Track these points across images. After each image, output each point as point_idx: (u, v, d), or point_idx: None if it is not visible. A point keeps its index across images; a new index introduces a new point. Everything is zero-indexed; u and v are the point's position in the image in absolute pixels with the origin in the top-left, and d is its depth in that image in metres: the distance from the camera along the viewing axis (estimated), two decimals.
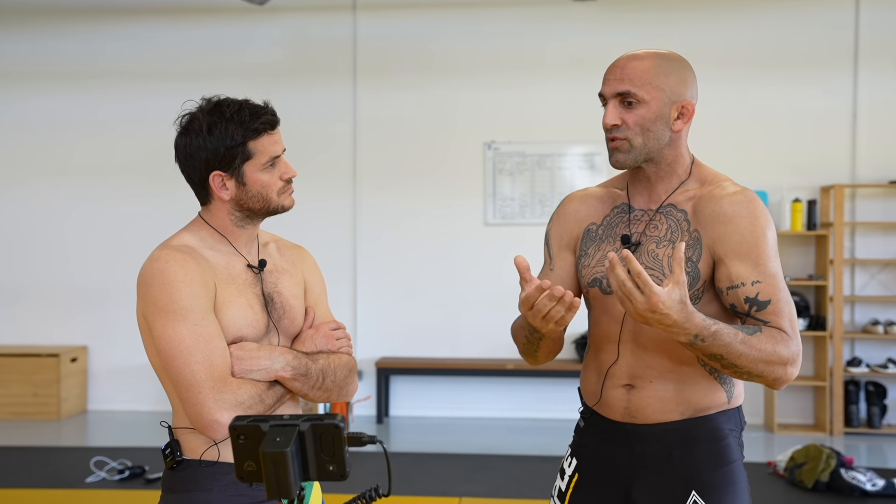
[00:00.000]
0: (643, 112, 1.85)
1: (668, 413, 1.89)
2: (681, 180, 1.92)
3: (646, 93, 1.85)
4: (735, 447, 1.91)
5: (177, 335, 1.76)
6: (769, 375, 1.77)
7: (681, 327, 1.69)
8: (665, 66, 1.86)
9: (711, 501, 1.85)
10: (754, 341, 1.74)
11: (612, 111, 1.88)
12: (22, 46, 7.19)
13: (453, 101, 6.89)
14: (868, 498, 4.69)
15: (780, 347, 1.76)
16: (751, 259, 1.80)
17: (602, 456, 1.97)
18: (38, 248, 7.18)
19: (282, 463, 1.24)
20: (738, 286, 1.80)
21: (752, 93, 6.63)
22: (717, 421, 1.89)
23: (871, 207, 6.56)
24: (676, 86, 1.87)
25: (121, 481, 5.01)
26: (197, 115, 1.87)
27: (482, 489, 4.92)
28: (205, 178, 1.87)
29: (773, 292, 1.79)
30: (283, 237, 2.14)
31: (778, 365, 1.76)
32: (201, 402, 1.74)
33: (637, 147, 1.87)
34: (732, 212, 1.82)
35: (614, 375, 1.93)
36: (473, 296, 6.81)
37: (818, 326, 6.33)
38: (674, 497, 1.87)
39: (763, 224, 1.81)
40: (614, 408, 1.94)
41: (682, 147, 1.92)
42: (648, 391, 1.89)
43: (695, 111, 1.88)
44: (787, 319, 1.79)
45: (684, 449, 1.88)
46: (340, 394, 1.93)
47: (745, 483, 1.91)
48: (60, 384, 6.73)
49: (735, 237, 1.81)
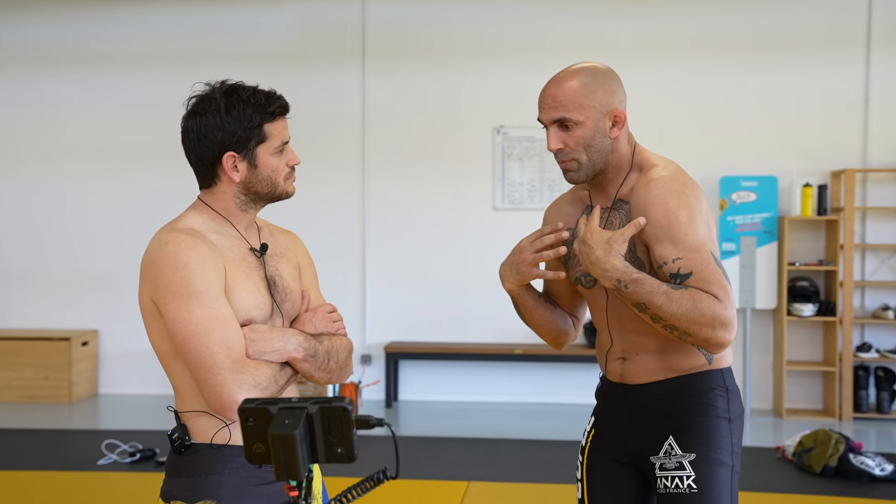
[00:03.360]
0: (581, 132, 2.01)
1: (654, 375, 2.09)
2: (625, 174, 2.08)
3: (579, 114, 2.00)
4: (716, 404, 2.06)
5: (193, 318, 1.76)
6: (698, 334, 1.90)
7: (603, 267, 1.92)
8: (590, 84, 2.01)
9: (684, 446, 2.04)
10: (676, 295, 1.89)
11: (553, 137, 2.03)
12: (30, 30, 7.19)
13: (462, 86, 6.87)
14: (876, 483, 4.69)
15: (703, 305, 1.88)
16: (668, 239, 1.94)
17: (608, 414, 2.20)
18: (49, 233, 7.22)
19: (290, 445, 1.25)
20: (661, 266, 1.96)
21: (763, 77, 6.58)
22: (697, 378, 2.07)
23: (883, 192, 6.52)
24: (605, 98, 2.02)
25: (131, 464, 5.05)
26: (212, 96, 1.87)
27: (491, 473, 4.94)
28: (216, 158, 1.88)
29: (695, 264, 1.92)
30: (285, 223, 2.16)
31: (705, 325, 1.89)
32: (221, 383, 1.75)
33: (584, 163, 2.04)
34: (647, 200, 1.97)
35: (612, 353, 2.18)
36: (482, 281, 6.80)
37: (828, 312, 6.31)
38: (655, 442, 2.07)
39: (679, 203, 1.94)
40: (613, 374, 2.18)
41: (622, 148, 2.07)
42: (636, 362, 2.11)
43: (626, 116, 2.04)
44: (717, 286, 1.91)
45: (667, 402, 2.07)
46: (341, 375, 1.95)
47: (725, 438, 2.05)
48: (72, 367, 6.77)
49: (652, 223, 1.96)
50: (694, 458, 2.03)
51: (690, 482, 2.02)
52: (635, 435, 2.12)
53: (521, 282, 2.15)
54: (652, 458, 2.07)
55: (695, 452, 2.03)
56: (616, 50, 6.53)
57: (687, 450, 2.03)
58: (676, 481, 2.03)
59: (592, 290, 2.15)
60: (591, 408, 2.35)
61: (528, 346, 6.53)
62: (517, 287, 2.17)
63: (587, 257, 1.95)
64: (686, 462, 2.03)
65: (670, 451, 2.05)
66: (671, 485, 2.03)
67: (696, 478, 2.02)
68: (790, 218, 6.31)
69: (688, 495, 2.01)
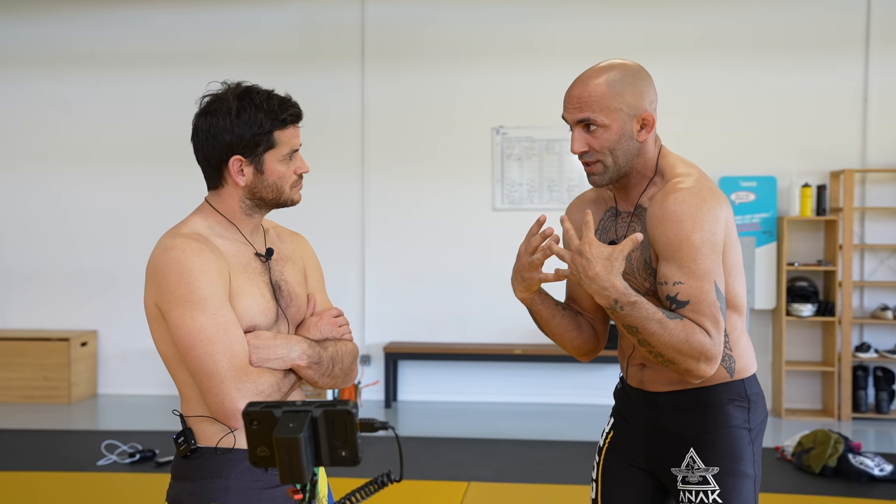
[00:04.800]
0: (606, 135, 1.94)
1: (673, 384, 2.05)
2: (648, 179, 2.02)
3: (605, 117, 1.92)
4: (735, 415, 2.02)
5: (196, 325, 1.76)
6: (681, 364, 1.88)
7: (601, 284, 1.84)
8: (618, 85, 1.93)
9: (706, 459, 2.01)
10: (670, 325, 1.85)
11: (577, 139, 1.96)
12: (32, 30, 7.19)
13: (461, 86, 6.87)
14: (876, 483, 4.69)
15: (693, 340, 1.85)
16: (675, 260, 1.88)
17: (627, 417, 2.18)
18: (48, 234, 7.21)
19: (295, 448, 1.25)
20: (662, 283, 1.91)
21: (762, 78, 6.59)
22: (716, 390, 2.03)
23: (882, 193, 6.53)
24: (633, 100, 1.94)
25: (131, 464, 5.05)
26: (225, 97, 1.86)
27: (490, 474, 4.94)
28: (223, 161, 1.87)
29: (694, 293, 1.87)
30: (285, 223, 2.14)
31: (690, 357, 1.86)
32: (223, 391, 1.75)
33: (610, 166, 1.97)
34: (662, 214, 1.90)
35: (633, 358, 2.14)
36: (481, 281, 6.82)
37: (827, 312, 6.32)
38: (675, 454, 2.04)
39: (688, 227, 1.86)
40: (632, 378, 2.16)
41: (648, 152, 2.00)
42: (656, 370, 2.07)
43: (655, 119, 1.96)
44: (710, 320, 1.87)
45: (687, 413, 2.04)
46: (345, 380, 1.95)
47: (746, 450, 2.02)
48: (71, 368, 6.77)
49: (664, 239, 1.89)
50: (717, 472, 2.00)
51: (716, 497, 1.99)
52: (654, 443, 2.09)
53: (528, 288, 2.02)
54: (673, 469, 2.05)
55: (718, 466, 2.00)
56: (614, 50, 6.51)
57: (710, 463, 2.01)
58: (701, 496, 2.00)
59: None
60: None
61: (528, 346, 6.53)
62: (527, 295, 2.04)
63: (584, 271, 1.84)
64: (710, 476, 2.00)
65: (692, 464, 2.02)
66: (696, 499, 2.01)
67: (721, 492, 1.99)
68: (789, 218, 6.32)
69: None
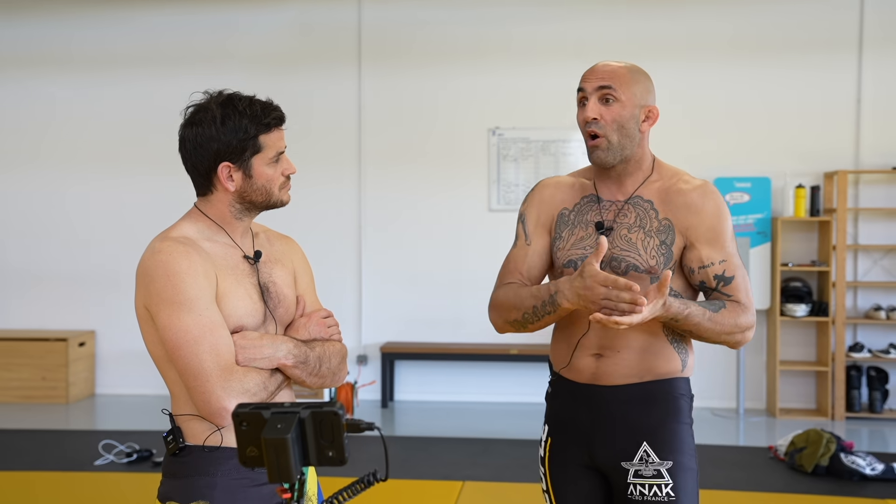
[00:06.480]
0: (619, 110, 2.08)
1: (630, 377, 2.11)
2: (646, 175, 2.16)
3: (622, 92, 2.08)
4: (685, 410, 2.14)
5: (183, 325, 1.80)
6: (730, 340, 2.10)
7: (663, 317, 2.01)
8: (635, 75, 2.13)
9: (659, 452, 2.08)
10: (719, 318, 2.06)
11: (592, 105, 2.09)
12: (33, 32, 7.21)
13: (458, 87, 6.90)
14: (867, 482, 4.73)
15: (740, 319, 2.08)
16: (718, 243, 2.10)
17: (567, 418, 2.19)
18: (46, 234, 7.24)
19: (283, 449, 1.28)
20: (708, 266, 2.09)
21: (756, 78, 6.62)
22: (671, 384, 2.13)
23: (875, 193, 6.57)
24: (644, 92, 2.13)
25: (129, 464, 5.08)
26: (209, 106, 1.90)
27: (486, 473, 4.98)
28: (212, 168, 1.91)
29: (734, 269, 2.11)
30: (282, 224, 2.18)
31: (737, 333, 2.09)
32: (209, 390, 1.79)
33: (614, 144, 2.09)
34: (702, 204, 2.10)
35: (584, 346, 2.14)
36: (477, 281, 6.81)
37: (821, 312, 6.35)
38: (627, 448, 2.09)
39: (725, 213, 2.12)
40: (582, 372, 2.16)
41: (646, 146, 2.17)
42: (615, 360, 2.11)
43: (659, 115, 2.14)
44: (744, 292, 2.11)
45: (640, 407, 2.11)
46: (333, 380, 1.99)
47: (692, 444, 2.13)
48: (69, 368, 6.80)
49: (706, 225, 2.09)
50: (671, 466, 2.06)
51: (669, 490, 2.05)
52: (603, 440, 2.11)
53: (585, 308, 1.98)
54: (624, 464, 2.09)
55: (671, 460, 2.07)
56: (609, 51, 6.51)
57: (664, 457, 2.07)
58: (655, 489, 2.05)
59: None
60: None
61: (524, 346, 6.56)
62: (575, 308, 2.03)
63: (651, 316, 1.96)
64: (664, 470, 2.06)
65: (646, 458, 2.07)
66: (649, 493, 2.05)
67: (674, 486, 2.05)
68: (783, 219, 6.35)
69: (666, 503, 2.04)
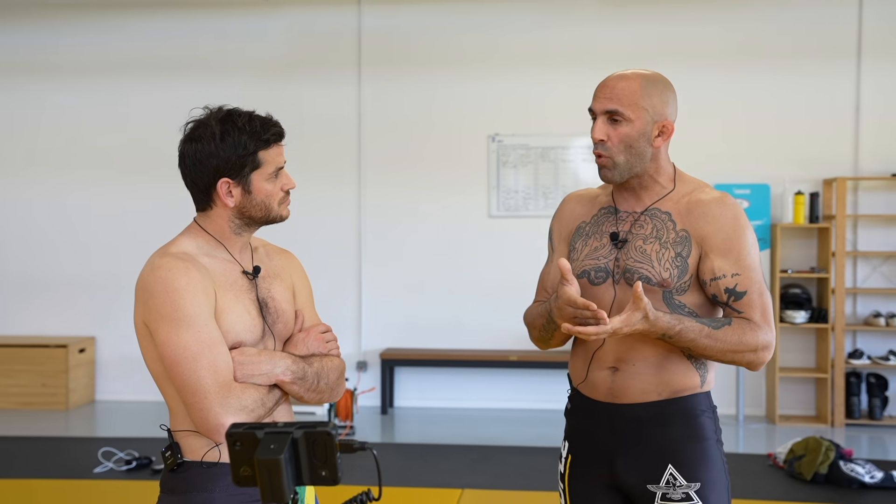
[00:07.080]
0: (627, 130, 2.05)
1: (647, 394, 2.07)
2: (664, 186, 2.12)
3: (631, 112, 2.04)
4: (709, 426, 2.09)
5: (181, 342, 1.80)
6: (740, 360, 2.02)
7: (649, 331, 1.96)
8: (650, 88, 2.05)
9: (686, 474, 2.03)
10: (720, 335, 1.99)
11: (599, 127, 2.07)
12: (33, 39, 7.23)
13: (457, 94, 6.91)
14: (866, 490, 4.73)
15: (747, 337, 2.00)
16: (732, 255, 2.03)
17: (588, 435, 2.16)
18: (47, 240, 7.25)
19: (276, 469, 1.29)
20: (719, 278, 2.03)
21: (755, 85, 6.63)
22: (691, 401, 2.08)
23: (874, 200, 6.57)
24: (659, 106, 2.06)
25: (128, 472, 5.09)
26: (208, 122, 1.91)
27: (485, 480, 4.98)
28: (211, 184, 1.92)
29: (749, 284, 2.03)
30: (282, 232, 2.18)
31: (747, 352, 2.01)
32: (207, 407, 1.79)
33: (620, 164, 2.07)
34: (718, 213, 2.05)
35: (600, 359, 2.12)
36: (478, 288, 6.86)
37: (820, 318, 6.35)
38: (652, 470, 2.05)
39: (743, 224, 2.05)
40: (598, 388, 2.12)
41: (662, 160, 2.12)
42: (631, 374, 2.08)
43: (674, 130, 2.07)
44: (759, 310, 2.03)
45: (661, 426, 2.06)
46: (332, 395, 2.00)
47: (720, 460, 2.08)
48: (69, 375, 6.81)
49: (720, 235, 2.03)
50: (699, 488, 2.02)
51: None
52: (627, 461, 2.08)
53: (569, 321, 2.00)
54: (651, 486, 2.05)
55: (699, 481, 2.03)
56: (610, 57, 6.56)
57: (692, 479, 2.03)
58: None
59: (597, 287, 2.09)
60: None
61: (523, 352, 6.57)
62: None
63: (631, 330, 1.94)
64: (692, 493, 2.02)
65: (673, 481, 2.03)
66: None
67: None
68: (782, 225, 6.36)
69: None
